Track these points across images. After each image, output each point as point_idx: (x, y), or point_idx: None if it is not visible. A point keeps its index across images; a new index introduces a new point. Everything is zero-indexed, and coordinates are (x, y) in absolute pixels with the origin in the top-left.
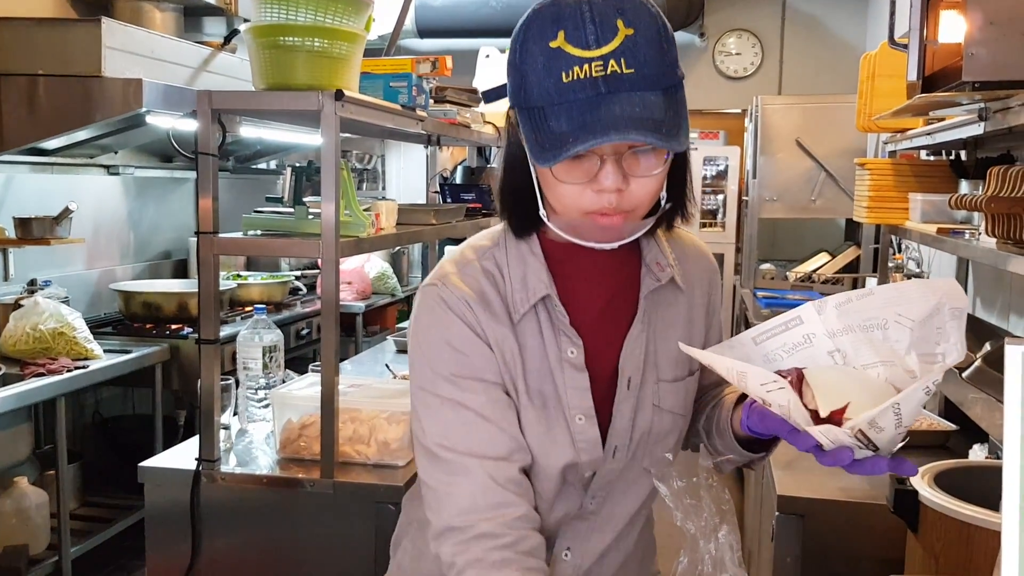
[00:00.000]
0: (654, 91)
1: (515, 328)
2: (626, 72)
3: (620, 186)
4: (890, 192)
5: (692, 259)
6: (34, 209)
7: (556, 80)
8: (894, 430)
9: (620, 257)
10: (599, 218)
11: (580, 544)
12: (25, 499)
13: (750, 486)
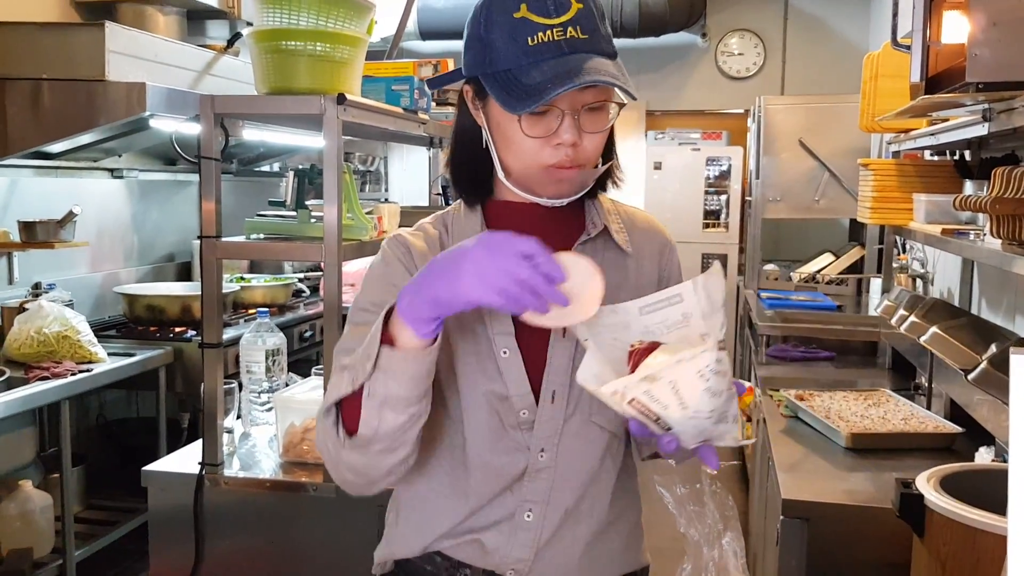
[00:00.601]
0: (604, 56)
1: None
2: (581, 37)
3: (576, 140)
4: (894, 192)
5: (642, 230)
6: (38, 212)
7: (523, 44)
8: (681, 410)
9: (560, 218)
10: (556, 171)
11: (541, 504)
12: (29, 502)
13: (755, 489)
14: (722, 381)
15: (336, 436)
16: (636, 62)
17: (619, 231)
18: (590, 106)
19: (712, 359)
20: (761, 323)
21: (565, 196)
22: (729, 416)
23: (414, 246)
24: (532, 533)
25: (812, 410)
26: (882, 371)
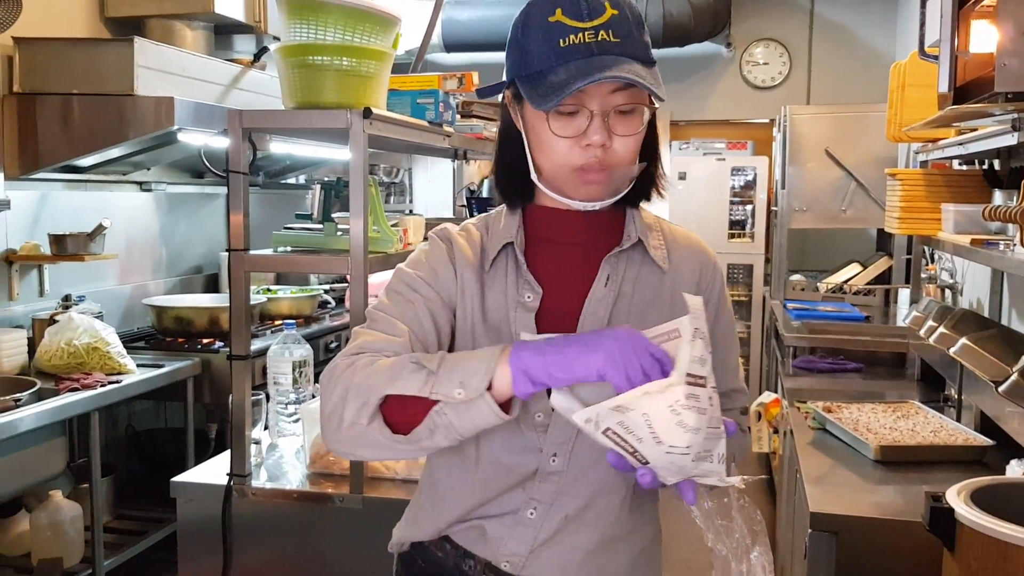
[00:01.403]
0: (636, 60)
1: (485, 272)
2: (613, 40)
3: (605, 141)
4: (922, 202)
5: (683, 247)
6: (68, 226)
7: (554, 46)
8: (655, 444)
9: (598, 226)
10: (585, 174)
11: (545, 505)
12: (60, 512)
13: (782, 502)
14: (699, 419)
15: (370, 415)
16: (660, 72)
17: (658, 247)
18: (620, 108)
19: (681, 394)
20: (788, 334)
21: (596, 199)
22: (714, 456)
23: (456, 241)
24: (531, 530)
25: (840, 422)
26: (911, 383)
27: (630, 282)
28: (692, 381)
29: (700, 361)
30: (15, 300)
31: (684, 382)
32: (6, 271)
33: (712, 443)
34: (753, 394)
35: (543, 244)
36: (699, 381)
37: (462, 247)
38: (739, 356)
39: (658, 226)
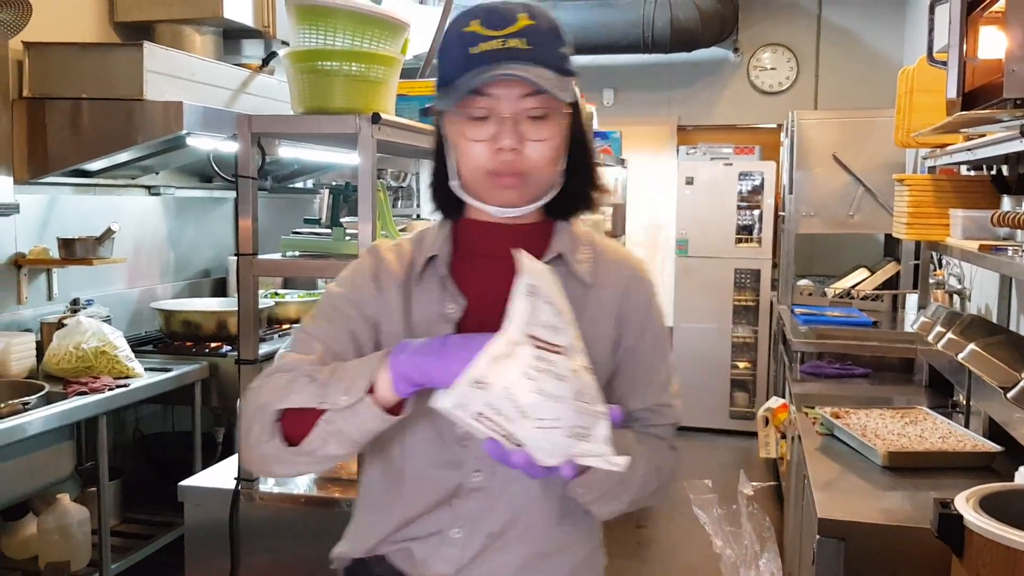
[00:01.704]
0: (546, 66)
1: (413, 285)
2: (524, 48)
3: (516, 146)
4: (930, 208)
5: (612, 262)
6: (77, 230)
7: (465, 53)
8: (522, 418)
9: (525, 239)
10: (499, 179)
11: (470, 524)
12: (67, 516)
13: (789, 508)
14: (560, 386)
15: (270, 431)
16: (667, 77)
17: (582, 261)
18: (531, 114)
19: (530, 356)
20: (795, 339)
21: (512, 205)
22: (595, 435)
23: (384, 257)
24: (456, 550)
25: (848, 428)
26: (919, 388)
27: None
28: (541, 345)
29: (551, 328)
30: (24, 304)
31: (530, 344)
32: (15, 275)
33: (588, 420)
34: (760, 399)
35: (471, 257)
36: (552, 348)
37: (390, 262)
38: (671, 373)
39: (589, 240)
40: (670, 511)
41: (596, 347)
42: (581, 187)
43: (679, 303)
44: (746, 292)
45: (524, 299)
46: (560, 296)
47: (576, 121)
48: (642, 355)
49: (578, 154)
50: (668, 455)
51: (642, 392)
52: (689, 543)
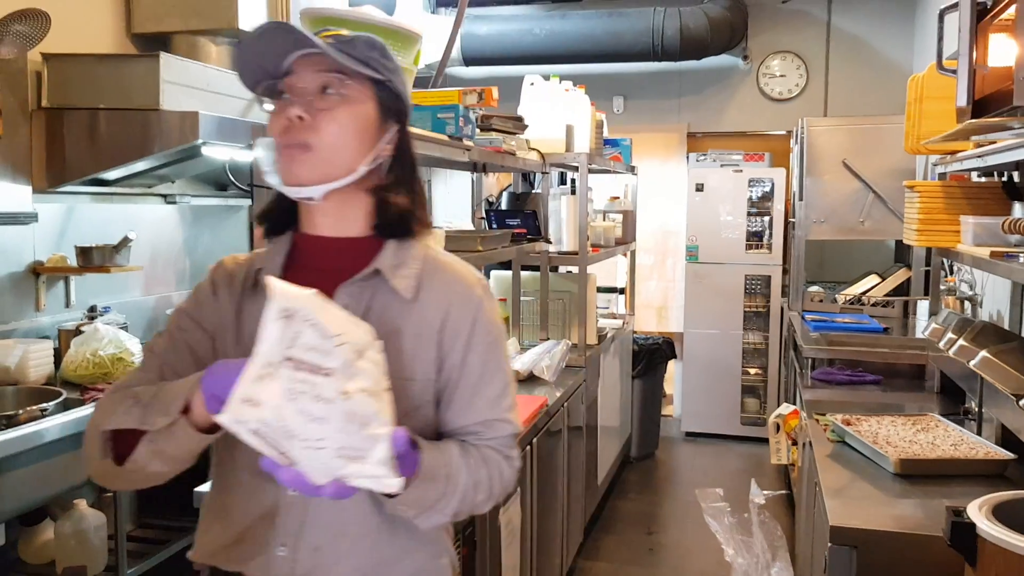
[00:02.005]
0: (346, 56)
1: (247, 297)
2: (326, 40)
3: (301, 114)
4: (940, 215)
5: (440, 280)
6: (95, 238)
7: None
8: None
9: (354, 255)
10: (287, 149)
11: (293, 539)
12: (84, 521)
13: (801, 515)
14: (325, 409)
15: (101, 450)
16: (677, 85)
17: (405, 277)
18: (326, 92)
19: (288, 377)
20: (806, 345)
21: (302, 180)
22: (370, 457)
23: (226, 271)
24: (285, 568)
25: (859, 435)
26: (930, 395)
27: (375, 312)
28: (302, 368)
29: (316, 351)
30: (42, 311)
31: (288, 366)
32: (33, 283)
33: (361, 442)
34: (771, 405)
35: (301, 271)
36: (317, 371)
37: (230, 275)
38: (505, 388)
39: (421, 257)
40: (682, 517)
41: (419, 361)
42: (405, 203)
43: (689, 309)
44: (756, 298)
45: (275, 323)
46: (333, 319)
47: (404, 139)
48: (471, 371)
49: (403, 170)
50: (502, 466)
51: (474, 407)
52: (700, 550)
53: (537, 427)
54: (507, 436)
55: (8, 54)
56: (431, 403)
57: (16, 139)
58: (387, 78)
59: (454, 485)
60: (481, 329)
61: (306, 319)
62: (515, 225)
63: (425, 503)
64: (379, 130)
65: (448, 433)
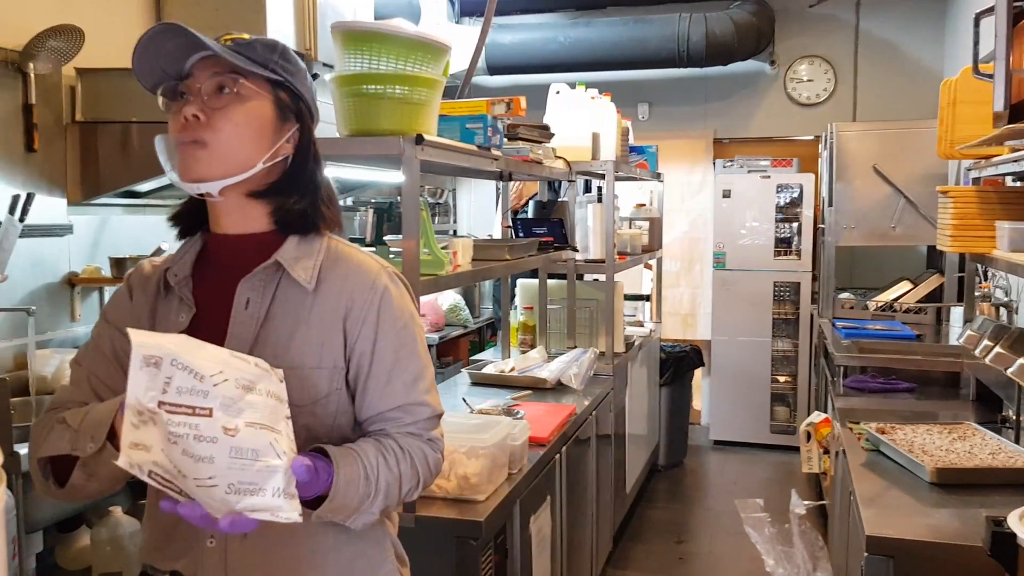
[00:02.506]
0: (241, 56)
1: (160, 299)
2: (223, 43)
3: (196, 112)
4: (975, 220)
5: (342, 271)
6: (128, 249)
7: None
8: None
9: (263, 251)
10: (183, 147)
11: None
12: (120, 528)
13: (834, 525)
14: (211, 448)
15: (42, 474)
16: (703, 91)
17: (306, 268)
18: (220, 90)
19: (165, 421)
20: (838, 353)
21: (200, 176)
22: (267, 489)
23: (143, 275)
24: (215, 560)
25: (894, 443)
26: (965, 403)
27: (279, 304)
28: (180, 411)
29: (191, 392)
30: (77, 321)
31: (162, 411)
32: (69, 293)
33: (255, 476)
34: (801, 414)
35: (210, 269)
36: (194, 412)
37: (146, 278)
38: (420, 371)
39: (323, 249)
40: (712, 526)
41: (325, 349)
42: (303, 200)
43: (717, 316)
44: (785, 305)
45: (139, 372)
46: (210, 359)
47: (305, 138)
48: (381, 358)
49: (303, 168)
50: (424, 451)
51: (390, 393)
52: (732, 560)
53: (566, 435)
54: (426, 419)
55: (43, 69)
56: (341, 390)
57: (51, 153)
58: (284, 78)
59: (375, 486)
60: (388, 316)
61: (174, 363)
62: (542, 233)
63: (348, 509)
64: (277, 129)
65: (367, 420)
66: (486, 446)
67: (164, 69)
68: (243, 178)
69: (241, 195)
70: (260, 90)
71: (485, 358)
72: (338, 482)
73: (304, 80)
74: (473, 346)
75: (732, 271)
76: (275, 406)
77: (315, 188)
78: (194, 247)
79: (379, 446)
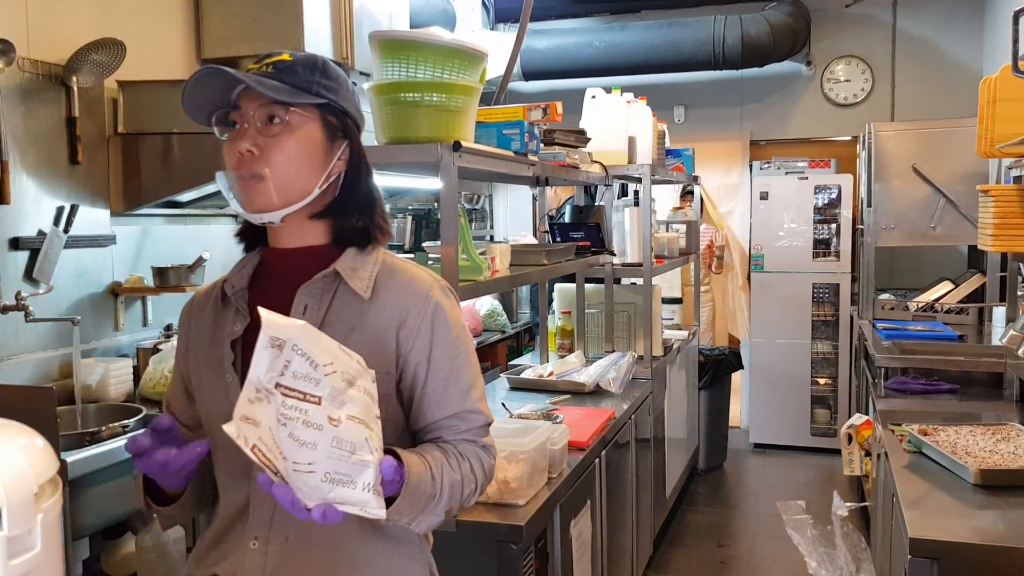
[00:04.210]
0: (287, 84)
1: (218, 312)
2: (267, 71)
3: (250, 147)
4: (1017, 219)
5: (398, 281)
6: (169, 258)
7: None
8: (282, 460)
9: (318, 265)
10: (242, 181)
11: (264, 531)
12: (164, 534)
13: (877, 527)
14: (315, 435)
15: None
16: (739, 92)
17: (362, 278)
18: (273, 122)
19: (278, 404)
20: (879, 355)
21: (262, 208)
22: (357, 484)
23: (198, 301)
24: (257, 560)
25: (937, 445)
26: (1009, 404)
27: (335, 312)
28: (290, 395)
29: (305, 379)
30: (121, 330)
31: (278, 392)
32: (112, 303)
33: (350, 468)
34: (842, 416)
35: (267, 282)
36: (306, 398)
37: (201, 301)
38: (472, 381)
39: (378, 261)
40: (752, 530)
41: (382, 355)
42: (363, 215)
43: (756, 319)
44: (825, 307)
45: (265, 351)
46: (324, 349)
47: (355, 152)
48: (437, 367)
49: (357, 182)
50: (481, 456)
51: (446, 402)
52: (773, 563)
53: (605, 439)
54: (480, 427)
55: (86, 83)
56: (391, 396)
57: (95, 164)
58: (329, 99)
59: (440, 487)
60: (442, 326)
61: (295, 348)
62: (579, 238)
63: (416, 510)
64: (328, 150)
65: (424, 428)
66: (526, 450)
67: (213, 102)
68: (302, 205)
69: (302, 218)
70: (308, 115)
71: (523, 363)
72: (409, 482)
73: (347, 93)
74: (511, 351)
75: (770, 273)
76: (369, 404)
77: (372, 204)
78: (252, 261)
79: (441, 450)
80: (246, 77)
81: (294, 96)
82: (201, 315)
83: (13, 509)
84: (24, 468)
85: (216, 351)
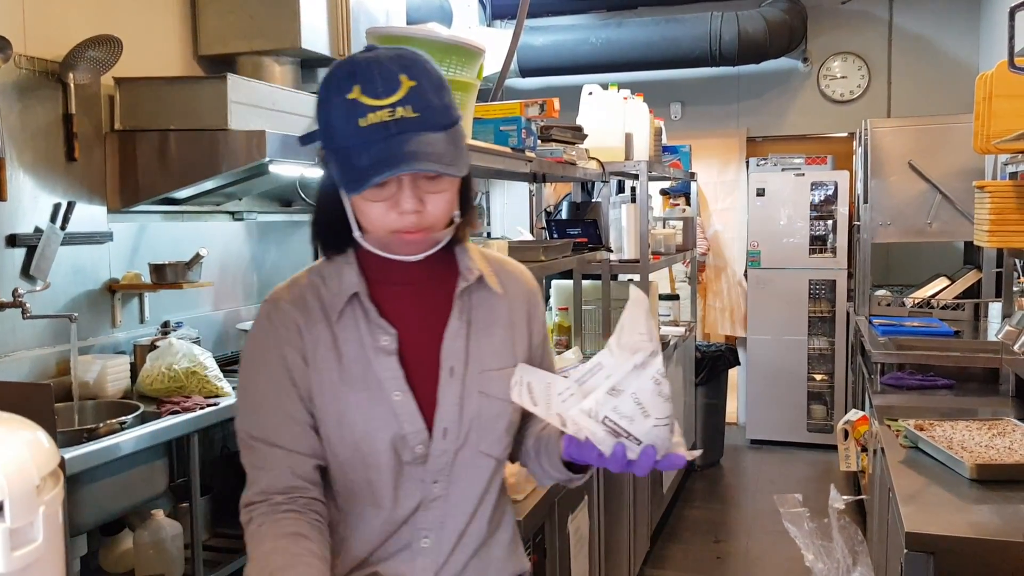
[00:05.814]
0: (435, 131)
1: (333, 325)
2: (411, 116)
3: (417, 208)
4: (1013, 215)
5: (512, 276)
6: (167, 255)
7: (354, 126)
8: (644, 419)
9: (431, 263)
10: (404, 236)
11: (436, 530)
12: (162, 531)
13: (873, 522)
14: (670, 387)
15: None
16: (735, 89)
17: (491, 275)
18: (428, 175)
19: (660, 362)
20: (875, 350)
21: (420, 253)
22: (676, 426)
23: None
24: (431, 558)
25: (933, 440)
26: (1005, 399)
27: (477, 309)
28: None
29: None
30: (118, 327)
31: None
32: (109, 300)
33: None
34: (838, 412)
35: (383, 287)
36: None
37: (308, 309)
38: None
39: (482, 256)
40: (749, 526)
41: (518, 347)
42: (467, 217)
43: (752, 315)
44: (821, 303)
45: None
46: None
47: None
48: (547, 347)
49: (464, 191)
50: None
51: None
52: (770, 559)
53: None
54: None
55: (83, 79)
56: None
57: (91, 161)
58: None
59: None
60: (543, 309)
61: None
62: (576, 234)
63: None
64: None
65: None
66: None
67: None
68: (448, 237)
69: None
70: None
71: None
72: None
73: (450, 92)
74: None
75: (767, 269)
76: None
77: (471, 202)
78: (353, 267)
79: None
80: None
81: (456, 148)
82: (312, 326)
83: (15, 501)
84: (26, 461)
85: (368, 369)
